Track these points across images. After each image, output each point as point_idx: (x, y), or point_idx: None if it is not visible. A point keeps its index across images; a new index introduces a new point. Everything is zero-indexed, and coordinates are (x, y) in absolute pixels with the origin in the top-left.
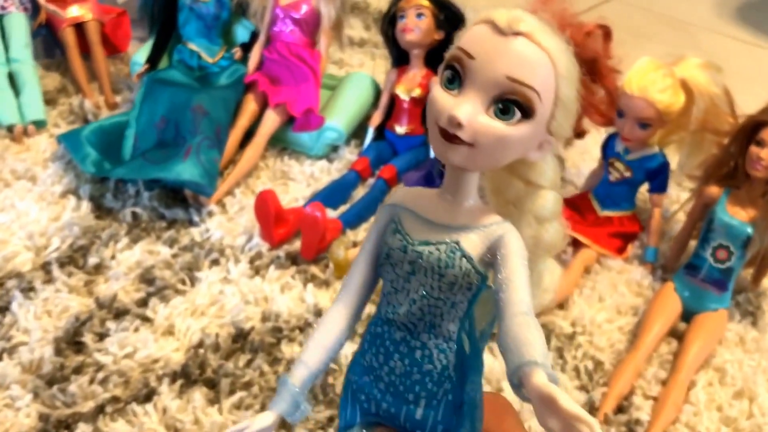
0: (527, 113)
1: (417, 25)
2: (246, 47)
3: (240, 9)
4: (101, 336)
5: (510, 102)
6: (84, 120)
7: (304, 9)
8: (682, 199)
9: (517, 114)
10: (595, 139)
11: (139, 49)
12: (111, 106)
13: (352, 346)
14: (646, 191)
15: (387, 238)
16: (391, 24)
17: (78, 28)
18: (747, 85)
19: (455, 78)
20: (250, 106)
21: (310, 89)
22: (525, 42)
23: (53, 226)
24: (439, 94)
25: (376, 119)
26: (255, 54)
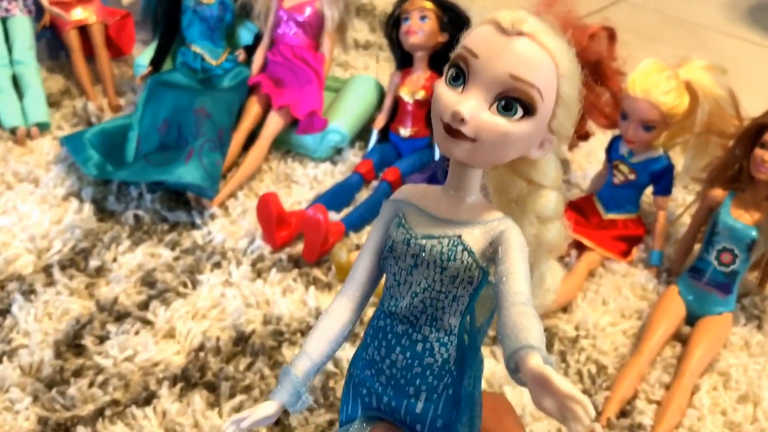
0: (529, 111)
1: (421, 28)
2: (249, 49)
3: (243, 11)
4: (101, 339)
5: (512, 99)
6: (87, 122)
7: (307, 11)
8: (688, 202)
9: (520, 111)
10: (601, 141)
11: (143, 52)
12: (114, 108)
13: (353, 350)
14: (651, 194)
15: (391, 231)
16: (395, 26)
17: (82, 30)
18: (757, 87)
19: (460, 76)
20: (253, 108)
21: (313, 92)
22: (528, 42)
23: (55, 228)
24: (444, 91)
25: (380, 122)
26: (258, 56)
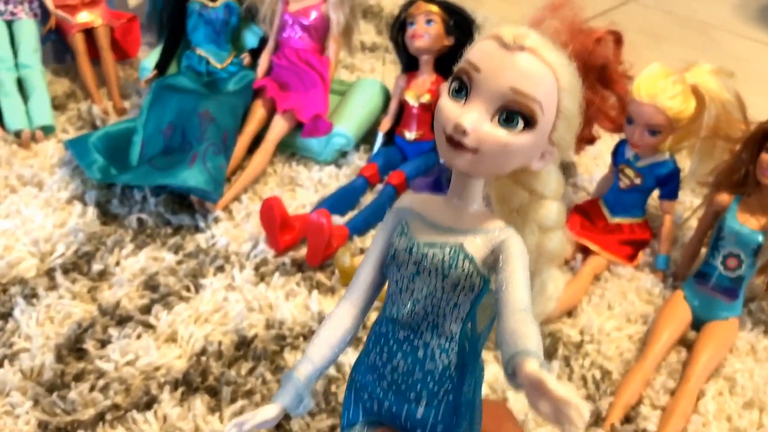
0: (530, 123)
1: (426, 32)
2: (255, 53)
3: (249, 14)
4: (103, 343)
5: (513, 112)
6: (92, 125)
7: (313, 15)
8: (695, 205)
9: (520, 124)
10: (608, 144)
11: (149, 55)
12: (119, 111)
13: (355, 354)
14: (657, 198)
15: (394, 239)
16: (401, 30)
17: (87, 33)
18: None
19: (462, 89)
20: (258, 111)
21: (318, 95)
22: (529, 56)
23: (58, 232)
24: (447, 103)
25: (385, 125)
26: (264, 60)
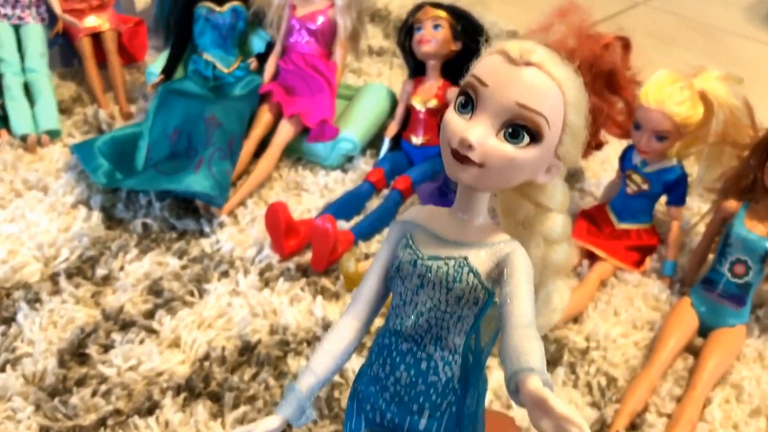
0: (536, 138)
1: (434, 37)
2: (262, 57)
3: (256, 19)
4: (106, 348)
5: (519, 127)
6: (98, 130)
7: (320, 20)
8: (703, 211)
9: (526, 138)
10: (616, 149)
11: (156, 60)
12: (125, 115)
13: (359, 360)
14: (665, 203)
15: (398, 252)
16: (408, 35)
17: (95, 37)
18: None
19: (468, 103)
20: (264, 116)
21: (325, 100)
22: (535, 71)
23: (63, 236)
24: (453, 117)
25: (392, 130)
26: (270, 64)
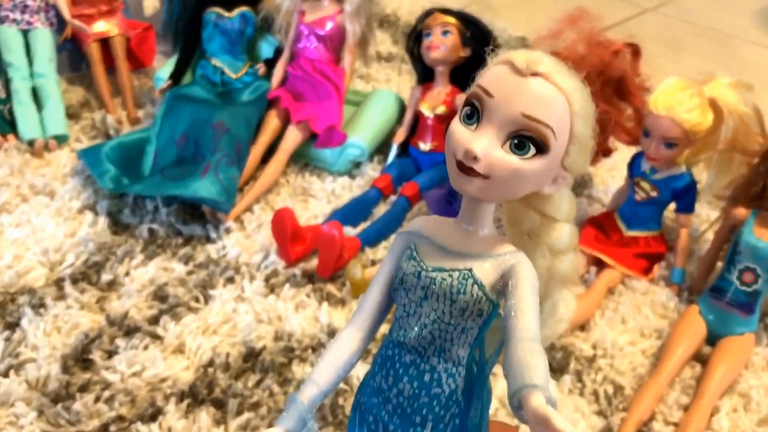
0: (542, 149)
1: (443, 43)
2: (270, 63)
3: (265, 25)
4: (110, 353)
5: (525, 138)
6: (106, 135)
7: (329, 26)
8: (712, 218)
9: (532, 149)
10: (625, 156)
11: (164, 65)
12: (133, 121)
13: (364, 367)
14: (674, 211)
15: (402, 263)
16: (417, 41)
17: (103, 42)
18: None
19: (474, 114)
20: (272, 121)
21: (332, 106)
22: (542, 82)
23: (69, 241)
24: (458, 128)
25: (400, 136)
26: (279, 70)
